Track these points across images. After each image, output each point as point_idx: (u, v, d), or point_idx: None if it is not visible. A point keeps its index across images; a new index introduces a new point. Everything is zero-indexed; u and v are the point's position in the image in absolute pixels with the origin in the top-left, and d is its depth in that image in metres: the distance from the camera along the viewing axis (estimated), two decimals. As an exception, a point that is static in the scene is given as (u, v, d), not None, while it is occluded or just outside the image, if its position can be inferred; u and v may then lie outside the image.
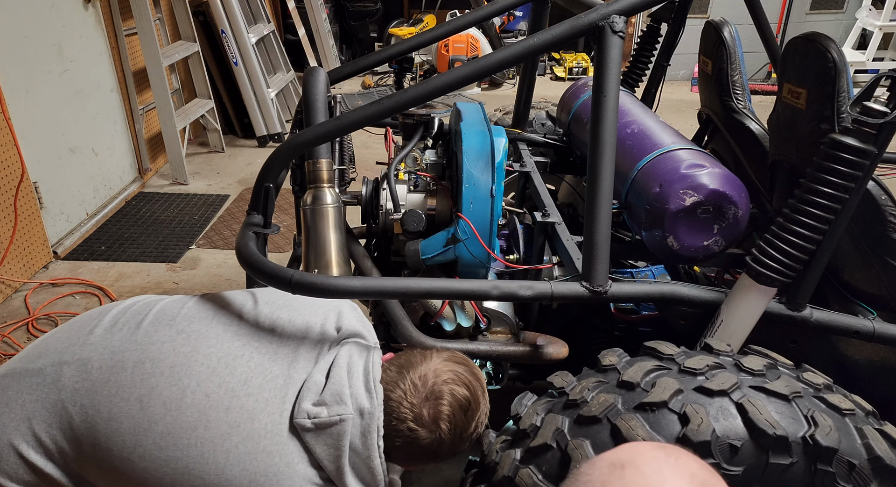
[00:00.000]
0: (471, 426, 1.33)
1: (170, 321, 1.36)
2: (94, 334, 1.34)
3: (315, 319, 1.41)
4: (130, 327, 1.35)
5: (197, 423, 1.21)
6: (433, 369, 1.31)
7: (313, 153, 1.86)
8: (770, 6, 6.72)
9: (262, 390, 1.25)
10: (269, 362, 1.30)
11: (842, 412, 1.33)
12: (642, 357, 1.50)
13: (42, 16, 3.65)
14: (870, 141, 1.46)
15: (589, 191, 1.63)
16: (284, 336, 1.35)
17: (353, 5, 7.89)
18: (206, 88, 5.19)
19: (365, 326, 1.48)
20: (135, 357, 1.28)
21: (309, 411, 1.23)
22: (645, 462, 0.77)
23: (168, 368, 1.26)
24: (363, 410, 1.24)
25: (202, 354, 1.29)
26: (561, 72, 7.58)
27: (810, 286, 1.63)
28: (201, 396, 1.23)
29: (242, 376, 1.26)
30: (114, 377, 1.26)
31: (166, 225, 4.18)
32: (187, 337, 1.32)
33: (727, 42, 2.35)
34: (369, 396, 1.25)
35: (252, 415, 1.22)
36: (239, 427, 1.21)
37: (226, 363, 1.28)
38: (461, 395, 1.29)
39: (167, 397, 1.23)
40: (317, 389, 1.26)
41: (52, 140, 3.77)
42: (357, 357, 1.33)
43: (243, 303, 1.43)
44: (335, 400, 1.24)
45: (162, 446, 1.21)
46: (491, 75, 2.55)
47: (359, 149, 3.19)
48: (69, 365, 1.28)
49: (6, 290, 3.37)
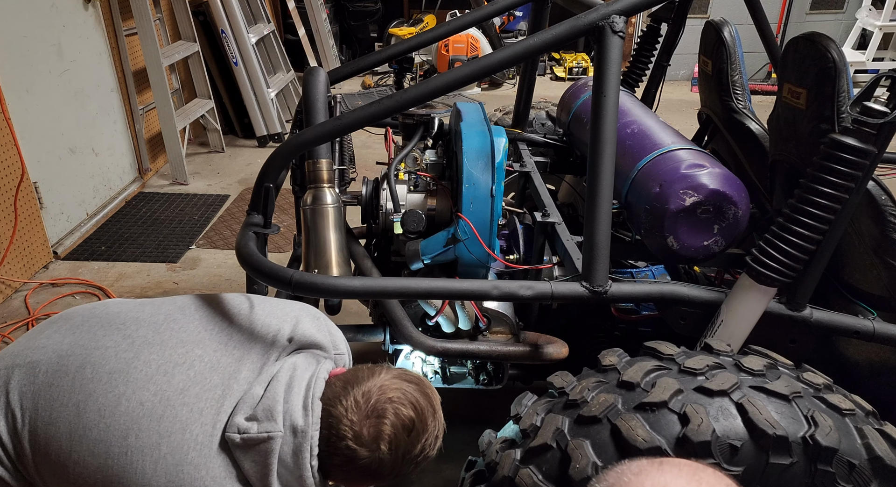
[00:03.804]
0: (415, 448, 1.24)
1: (120, 325, 1.33)
2: (50, 337, 1.33)
3: (268, 328, 1.36)
4: (83, 331, 1.33)
5: (129, 431, 1.18)
6: (379, 385, 1.24)
7: (313, 153, 1.86)
8: (770, 6, 6.72)
9: (197, 400, 1.22)
10: (209, 371, 1.26)
11: (842, 412, 1.33)
12: (642, 357, 1.50)
13: (42, 16, 3.65)
14: (870, 141, 1.46)
15: (589, 191, 1.63)
16: (231, 345, 1.31)
17: (353, 5, 7.89)
18: (206, 88, 5.19)
19: (326, 335, 1.42)
20: (78, 362, 1.26)
21: (240, 425, 1.19)
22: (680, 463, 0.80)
23: (107, 374, 1.23)
24: (296, 428, 1.19)
25: (142, 361, 1.25)
26: (561, 72, 7.58)
27: (810, 286, 1.63)
28: (136, 404, 1.20)
29: (180, 385, 1.23)
30: (56, 382, 1.24)
31: (166, 225, 4.18)
32: (131, 343, 1.29)
33: (727, 42, 2.35)
34: (305, 414, 1.20)
35: (184, 426, 1.19)
36: (170, 437, 1.18)
37: (164, 370, 1.24)
38: (405, 415, 1.22)
39: (102, 403, 1.20)
40: (252, 402, 1.21)
41: (52, 140, 3.77)
42: (302, 370, 1.27)
43: (200, 308, 1.39)
44: (266, 416, 1.19)
45: (95, 453, 1.18)
46: (491, 75, 2.55)
47: (359, 149, 3.19)
48: (20, 368, 1.27)
49: (6, 290, 3.37)
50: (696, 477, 0.77)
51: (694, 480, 0.77)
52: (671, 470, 0.78)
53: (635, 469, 0.79)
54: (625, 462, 0.82)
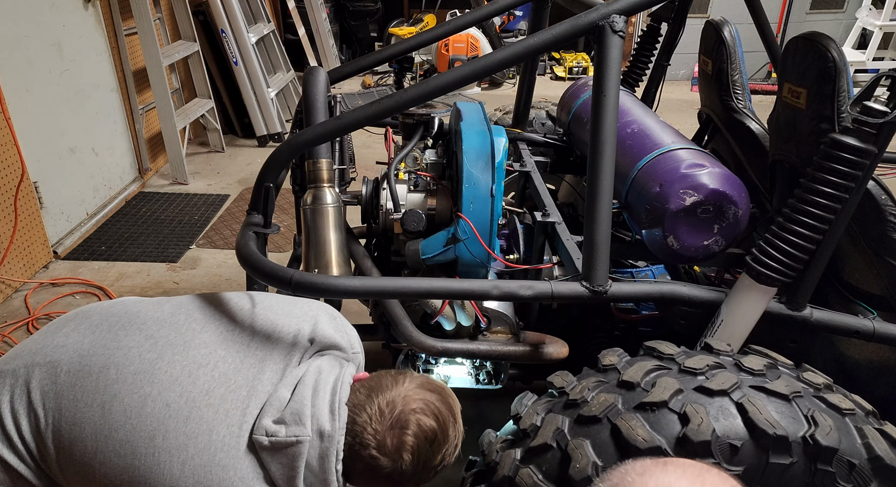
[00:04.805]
0: (436, 457, 1.27)
1: (141, 324, 1.34)
2: (69, 336, 1.33)
3: (288, 328, 1.37)
4: (103, 329, 1.33)
5: (155, 432, 1.19)
6: (403, 395, 1.25)
7: (313, 153, 1.86)
8: (770, 6, 6.72)
9: (223, 401, 1.23)
10: (233, 372, 1.27)
11: (842, 412, 1.33)
12: (642, 357, 1.50)
13: (42, 15, 3.65)
14: (870, 141, 1.46)
15: (589, 191, 1.63)
16: (253, 346, 1.32)
17: (353, 5, 7.89)
18: (206, 87, 5.19)
19: (343, 335, 1.44)
20: (101, 362, 1.27)
21: (268, 428, 1.20)
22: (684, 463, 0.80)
23: (131, 375, 1.25)
24: (323, 432, 1.20)
25: (166, 361, 1.27)
26: (561, 72, 7.58)
27: (810, 286, 1.63)
28: (161, 405, 1.21)
29: (205, 386, 1.24)
30: (79, 382, 1.25)
31: (166, 225, 4.18)
32: (154, 343, 1.30)
33: (727, 42, 2.35)
34: (332, 418, 1.21)
35: (211, 427, 1.20)
36: (196, 439, 1.19)
37: (189, 371, 1.25)
38: (428, 426, 1.24)
39: (128, 404, 1.22)
40: (279, 405, 1.23)
41: (52, 140, 3.77)
42: (327, 374, 1.29)
43: (219, 308, 1.40)
44: (294, 420, 1.20)
45: (121, 453, 1.20)
46: (491, 75, 2.55)
47: (359, 149, 3.19)
48: (40, 367, 1.28)
49: (6, 290, 3.37)
50: (701, 478, 0.77)
51: (698, 480, 0.77)
52: (675, 471, 0.78)
53: (639, 469, 0.79)
54: (629, 462, 0.82)
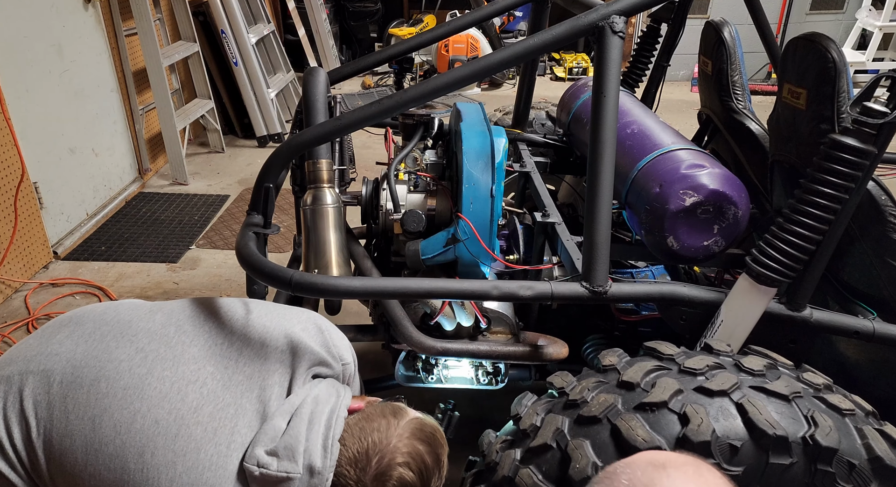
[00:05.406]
0: None
1: (132, 337, 1.35)
2: (63, 343, 1.34)
3: (276, 342, 1.38)
4: (95, 339, 1.34)
5: (144, 449, 1.21)
6: (392, 444, 1.26)
7: (313, 153, 1.86)
8: (770, 6, 6.72)
9: (211, 419, 1.24)
10: (221, 389, 1.28)
11: (842, 413, 1.33)
12: (642, 357, 1.50)
13: (42, 16, 3.65)
14: (870, 141, 1.46)
15: (589, 191, 1.63)
16: (241, 361, 1.33)
17: (353, 5, 7.89)
18: (206, 88, 5.19)
19: (331, 348, 1.44)
20: (92, 375, 1.28)
21: (259, 458, 1.21)
22: (682, 464, 0.80)
23: (121, 390, 1.26)
24: (314, 469, 1.21)
25: (156, 377, 1.28)
26: (561, 72, 7.58)
27: (810, 286, 1.63)
28: (151, 421, 1.22)
29: (193, 403, 1.25)
30: (71, 394, 1.26)
31: (166, 225, 4.18)
32: (144, 357, 1.31)
33: (727, 42, 2.35)
34: (324, 455, 1.23)
35: (199, 445, 1.21)
36: (185, 457, 1.20)
37: (178, 388, 1.27)
38: (409, 480, 1.25)
39: (118, 420, 1.23)
40: (273, 435, 1.24)
41: (52, 140, 3.77)
42: (323, 405, 1.30)
43: (208, 319, 1.41)
44: (287, 455, 1.21)
45: (111, 468, 1.21)
46: (491, 75, 2.55)
47: (359, 149, 3.19)
48: (34, 375, 1.28)
49: (6, 290, 3.37)
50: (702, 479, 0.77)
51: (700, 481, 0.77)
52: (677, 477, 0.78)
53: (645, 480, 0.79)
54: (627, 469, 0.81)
